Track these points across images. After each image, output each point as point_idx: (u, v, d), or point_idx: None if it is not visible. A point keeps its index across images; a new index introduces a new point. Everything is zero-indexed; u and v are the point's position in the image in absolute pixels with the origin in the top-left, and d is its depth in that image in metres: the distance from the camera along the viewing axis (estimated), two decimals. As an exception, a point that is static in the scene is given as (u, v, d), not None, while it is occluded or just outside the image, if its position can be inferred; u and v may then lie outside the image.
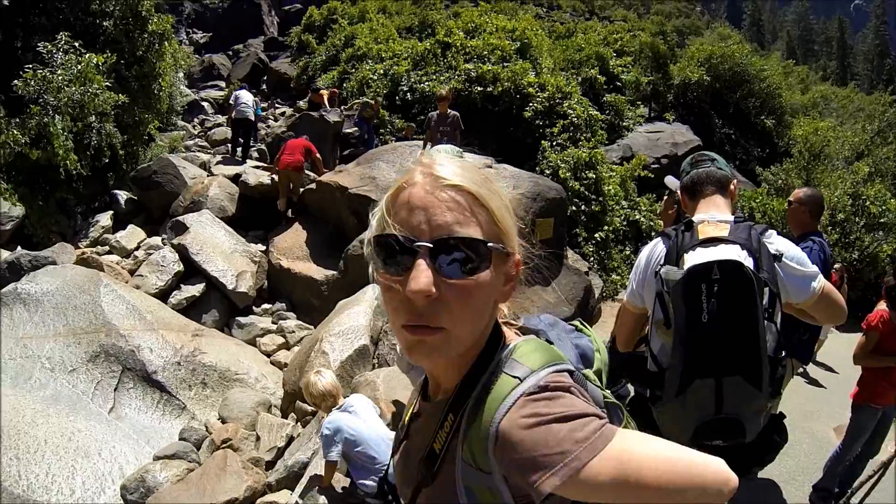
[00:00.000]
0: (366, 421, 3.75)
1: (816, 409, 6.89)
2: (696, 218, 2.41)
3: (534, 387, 0.95)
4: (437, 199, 0.92)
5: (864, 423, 4.33)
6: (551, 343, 1.13)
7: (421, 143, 10.07)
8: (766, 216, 14.86)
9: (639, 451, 0.92)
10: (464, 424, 0.99)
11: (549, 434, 0.89)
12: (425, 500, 1.07)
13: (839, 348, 8.50)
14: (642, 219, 14.90)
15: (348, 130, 15.99)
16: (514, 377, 0.97)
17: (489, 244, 0.93)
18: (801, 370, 8.10)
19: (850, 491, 4.04)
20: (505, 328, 1.11)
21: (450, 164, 0.97)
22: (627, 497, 0.90)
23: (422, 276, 0.87)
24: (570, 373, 1.02)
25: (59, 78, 10.10)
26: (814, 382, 7.77)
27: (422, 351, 0.94)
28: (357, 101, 15.53)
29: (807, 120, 25.12)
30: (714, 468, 0.96)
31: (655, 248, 2.45)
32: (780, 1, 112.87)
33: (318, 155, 11.32)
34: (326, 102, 16.69)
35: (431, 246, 0.89)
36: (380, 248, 0.93)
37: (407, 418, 1.22)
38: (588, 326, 1.32)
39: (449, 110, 9.53)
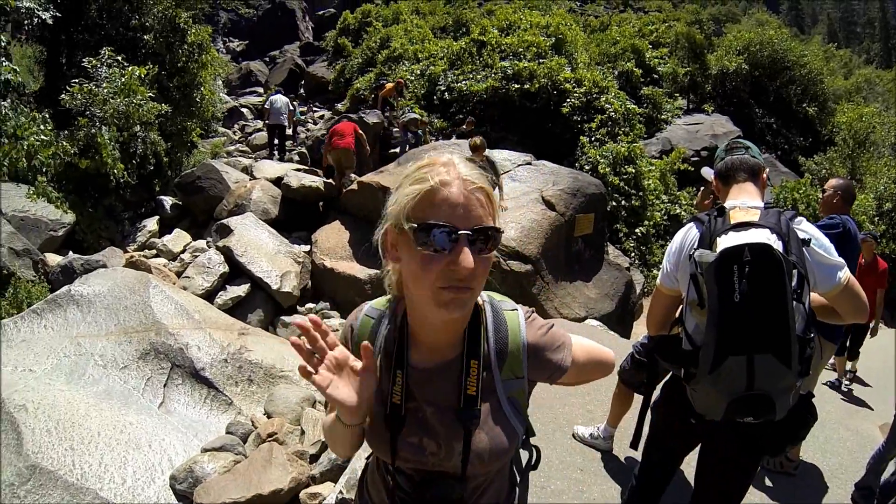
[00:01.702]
0: None
1: (863, 408, 6.69)
2: (727, 204, 2.46)
3: (526, 312, 1.49)
4: (471, 198, 1.22)
5: None
6: None
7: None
8: (810, 207, 14.41)
9: (581, 340, 1.58)
10: (493, 356, 1.40)
11: (552, 335, 1.48)
12: (484, 437, 1.36)
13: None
14: (683, 213, 14.71)
15: (389, 126, 16.15)
16: (513, 310, 1.48)
17: (500, 230, 1.26)
18: (846, 385, 7.78)
19: None
20: None
21: (468, 167, 1.27)
22: (585, 369, 1.56)
23: (468, 256, 1.18)
24: None
25: (105, 91, 10.42)
26: (856, 400, 7.27)
27: (457, 305, 1.22)
28: (403, 116, 15.45)
29: (850, 106, 24.25)
30: (610, 351, 1.68)
31: (689, 233, 2.48)
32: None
33: (361, 131, 12.05)
34: (382, 98, 16.88)
35: (470, 234, 1.20)
36: (424, 232, 1.19)
37: (398, 398, 1.39)
38: None
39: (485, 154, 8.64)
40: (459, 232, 1.18)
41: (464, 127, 15.22)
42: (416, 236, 1.21)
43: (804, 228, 2.31)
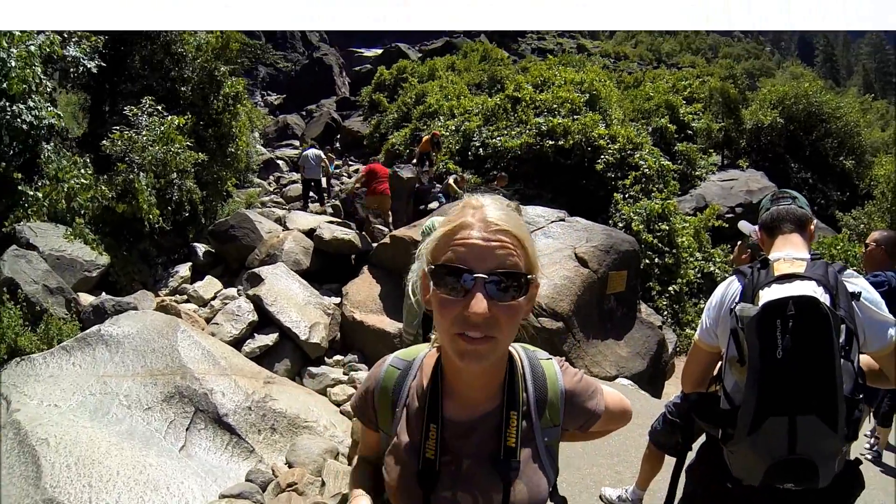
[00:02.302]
0: None
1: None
2: (772, 256, 2.36)
3: (559, 361, 1.48)
4: (491, 239, 1.16)
5: None
6: None
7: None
8: (848, 264, 13.90)
9: (607, 388, 1.56)
10: (533, 405, 1.37)
11: (587, 382, 1.48)
12: (522, 487, 1.30)
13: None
14: (717, 271, 14.43)
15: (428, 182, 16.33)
16: (548, 359, 1.47)
17: (528, 276, 1.19)
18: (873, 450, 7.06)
19: None
20: None
21: (496, 209, 1.22)
22: (613, 417, 1.55)
23: (480, 301, 1.12)
24: None
25: (144, 138, 10.69)
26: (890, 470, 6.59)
27: (473, 356, 1.16)
28: (446, 174, 15.58)
29: (889, 158, 23.55)
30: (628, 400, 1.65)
31: (730, 286, 2.38)
32: (853, 33, 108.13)
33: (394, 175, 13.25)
34: (419, 153, 17.19)
35: (487, 277, 1.13)
36: (442, 273, 1.17)
37: (432, 453, 1.32)
38: None
39: None
40: (475, 275, 1.13)
41: (495, 183, 15.23)
42: (434, 277, 1.19)
43: (854, 281, 2.20)
